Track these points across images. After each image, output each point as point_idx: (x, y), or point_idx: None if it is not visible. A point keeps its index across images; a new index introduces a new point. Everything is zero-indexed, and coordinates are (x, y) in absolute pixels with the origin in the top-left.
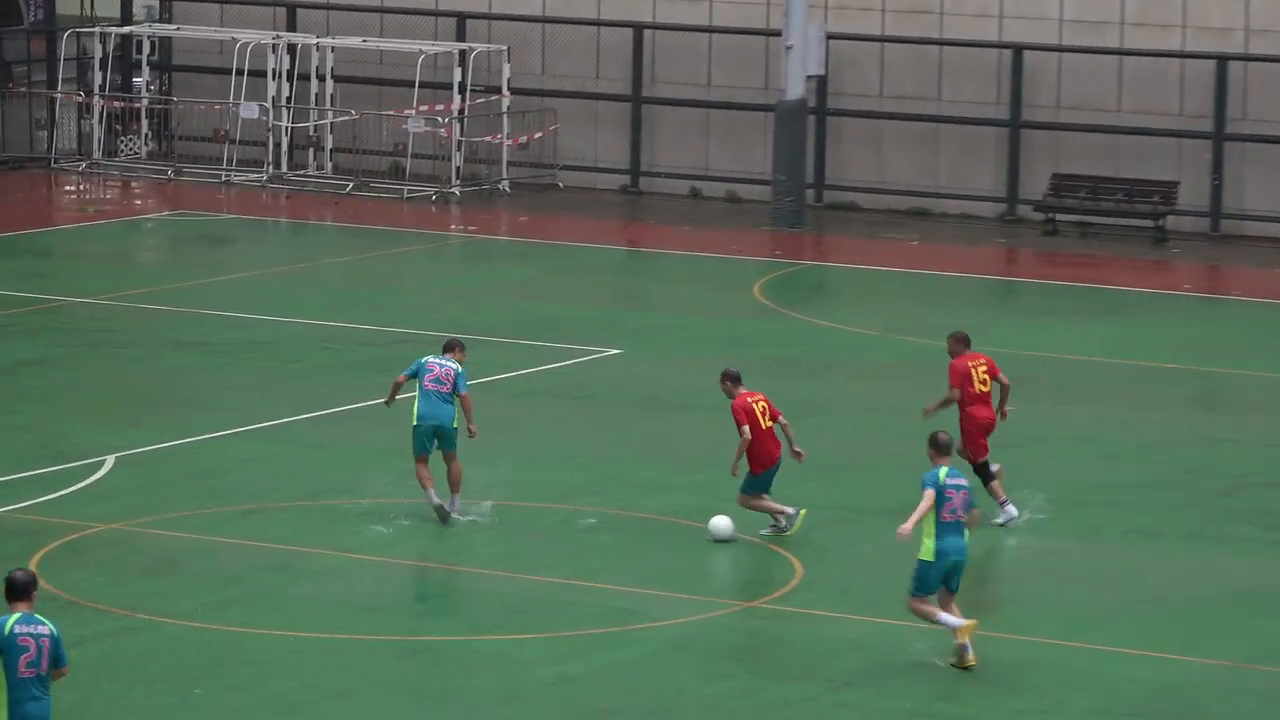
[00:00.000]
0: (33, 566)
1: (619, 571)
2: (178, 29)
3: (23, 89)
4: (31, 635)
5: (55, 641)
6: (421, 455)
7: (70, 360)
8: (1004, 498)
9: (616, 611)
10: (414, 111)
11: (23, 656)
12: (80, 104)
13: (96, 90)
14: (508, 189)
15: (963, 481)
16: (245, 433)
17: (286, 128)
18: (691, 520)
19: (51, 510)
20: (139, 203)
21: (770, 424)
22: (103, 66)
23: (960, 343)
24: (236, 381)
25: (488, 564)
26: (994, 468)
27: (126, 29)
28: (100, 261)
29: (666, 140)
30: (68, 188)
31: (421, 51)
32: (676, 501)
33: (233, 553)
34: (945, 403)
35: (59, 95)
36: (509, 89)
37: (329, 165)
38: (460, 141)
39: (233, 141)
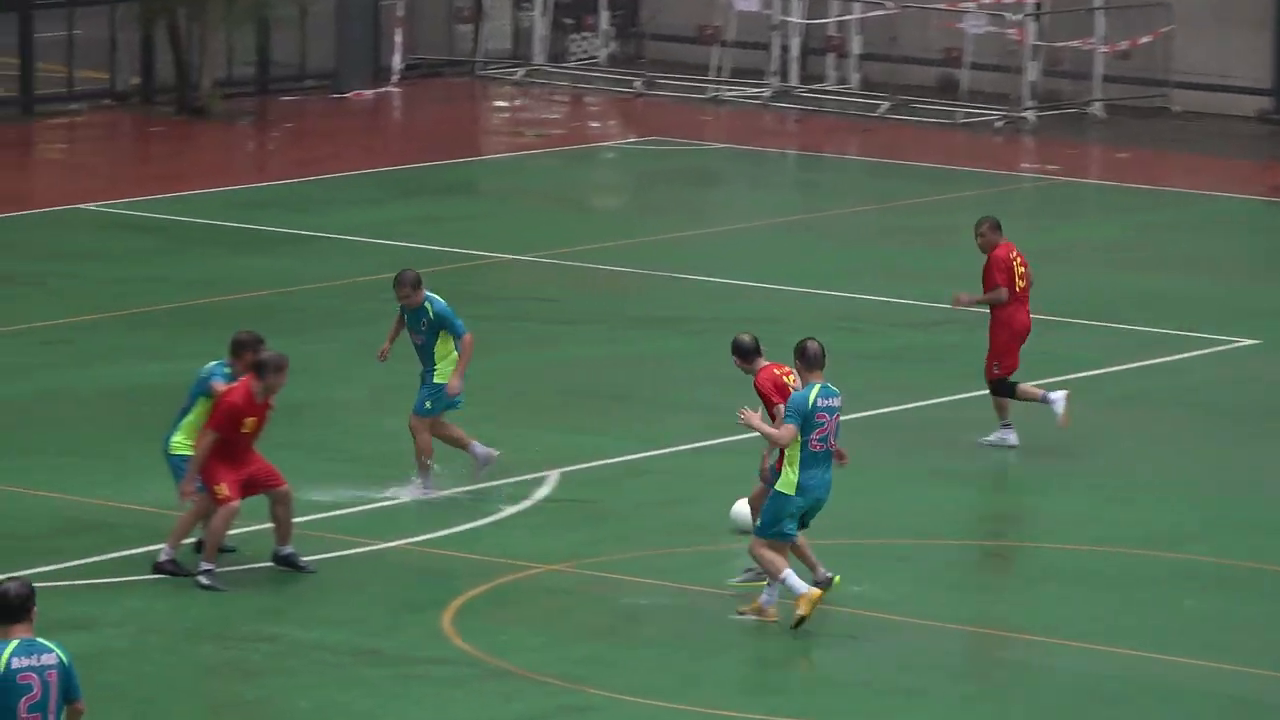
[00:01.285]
0: (446, 618)
1: (1248, 646)
2: None
3: None
4: (34, 669)
5: (65, 673)
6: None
7: (496, 339)
8: (1043, 394)
9: (1239, 703)
10: (974, 5)
11: (24, 698)
12: None
13: None
14: (1101, 114)
15: (836, 402)
16: (730, 445)
17: (798, 25)
18: None
19: (472, 544)
20: (595, 125)
21: None
22: None
23: (996, 229)
24: (721, 374)
25: (1060, 632)
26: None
27: None
28: (539, 204)
29: None
30: (498, 103)
31: None
32: None
33: (710, 606)
34: (987, 300)
35: None
36: None
37: (855, 78)
38: (1037, 48)
39: (724, 43)
